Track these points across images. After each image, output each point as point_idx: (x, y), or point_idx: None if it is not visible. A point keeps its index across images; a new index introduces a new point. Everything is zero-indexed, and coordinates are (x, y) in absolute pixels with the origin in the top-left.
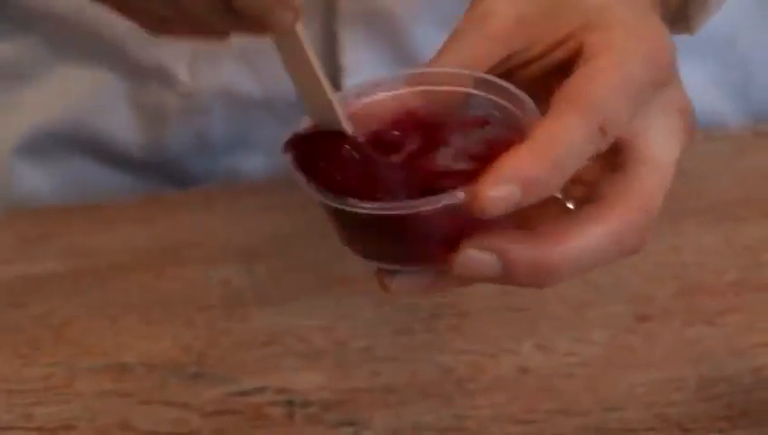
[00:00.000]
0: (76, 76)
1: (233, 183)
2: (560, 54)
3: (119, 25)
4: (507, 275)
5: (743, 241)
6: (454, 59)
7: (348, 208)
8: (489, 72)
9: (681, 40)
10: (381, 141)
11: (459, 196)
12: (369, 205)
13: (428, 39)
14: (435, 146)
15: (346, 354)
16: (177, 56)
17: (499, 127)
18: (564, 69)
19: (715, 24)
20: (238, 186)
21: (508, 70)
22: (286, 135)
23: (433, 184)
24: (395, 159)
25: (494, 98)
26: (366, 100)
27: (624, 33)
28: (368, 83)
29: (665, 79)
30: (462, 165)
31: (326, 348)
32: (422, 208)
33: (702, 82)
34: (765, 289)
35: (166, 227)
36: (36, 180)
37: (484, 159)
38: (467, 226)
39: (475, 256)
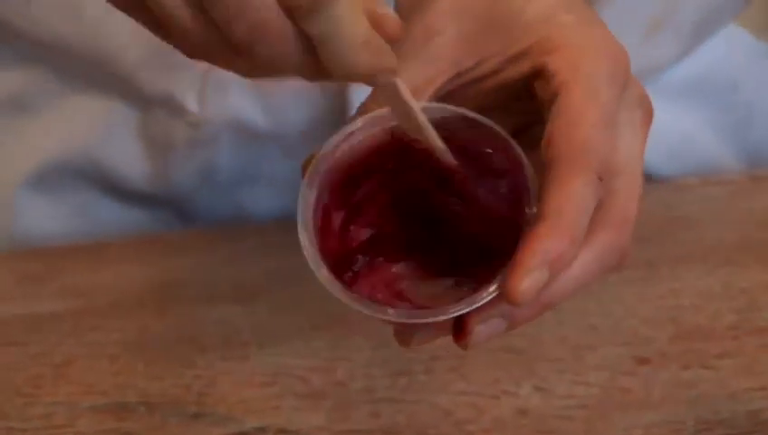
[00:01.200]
0: (85, 106)
1: (234, 222)
2: (515, 72)
3: (128, 55)
4: (511, 327)
5: (740, 285)
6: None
7: (383, 318)
8: (439, 90)
9: (683, 83)
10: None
11: (489, 295)
12: (400, 314)
13: None
14: (429, 176)
15: (345, 395)
16: (187, 86)
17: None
18: (523, 86)
19: (717, 69)
20: (237, 226)
21: (459, 86)
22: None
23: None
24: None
25: (463, 130)
26: (345, 147)
27: (583, 51)
28: (342, 133)
29: (626, 83)
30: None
31: (325, 389)
32: (457, 314)
33: (699, 125)
34: (762, 333)
35: (165, 267)
36: (42, 214)
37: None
38: None
39: (484, 330)
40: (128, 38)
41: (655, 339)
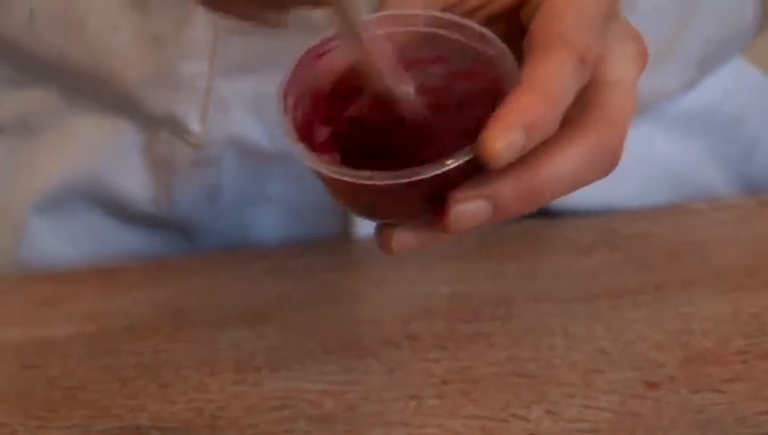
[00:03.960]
0: (89, 127)
1: (240, 244)
2: (501, 2)
3: (130, 73)
4: (497, 215)
5: (749, 310)
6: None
7: (347, 179)
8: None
9: (687, 115)
10: (341, 94)
11: (465, 156)
12: (366, 174)
13: None
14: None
15: (357, 419)
16: (189, 105)
17: (456, 61)
18: (507, 16)
19: (722, 102)
20: (246, 250)
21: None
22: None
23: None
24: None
25: (451, 35)
26: (325, 57)
27: None
28: (324, 41)
29: (614, 11)
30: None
31: (337, 412)
32: (429, 175)
33: (702, 156)
34: None
35: (176, 291)
36: (48, 237)
37: (445, 93)
38: (460, 176)
39: (466, 210)
40: (130, 56)
41: (664, 363)
